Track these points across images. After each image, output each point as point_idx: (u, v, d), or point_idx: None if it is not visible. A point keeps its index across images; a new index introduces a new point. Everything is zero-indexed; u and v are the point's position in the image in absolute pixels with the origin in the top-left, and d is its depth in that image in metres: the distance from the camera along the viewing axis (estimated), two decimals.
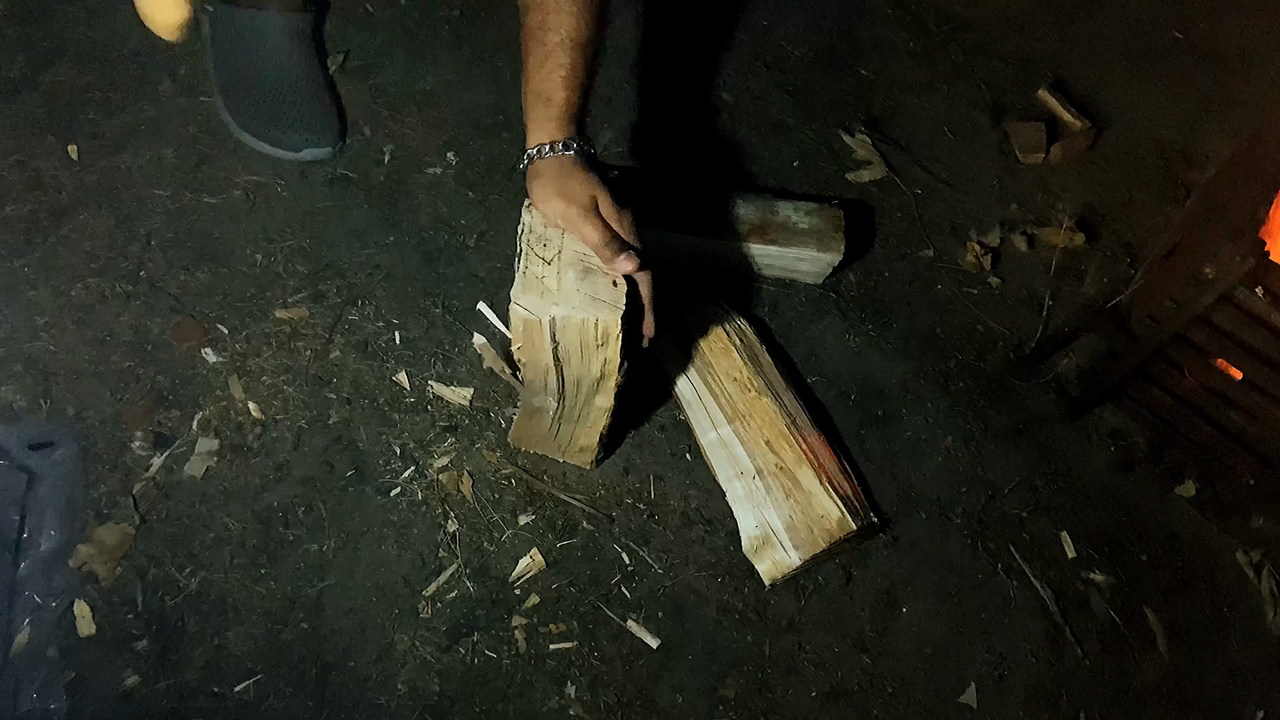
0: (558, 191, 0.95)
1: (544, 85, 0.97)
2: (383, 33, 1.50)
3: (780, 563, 1.16)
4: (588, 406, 1.06)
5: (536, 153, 0.97)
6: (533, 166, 0.97)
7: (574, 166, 0.96)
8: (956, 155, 1.58)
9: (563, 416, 1.09)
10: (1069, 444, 1.36)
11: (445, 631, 1.11)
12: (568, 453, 1.19)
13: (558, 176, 0.96)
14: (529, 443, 1.20)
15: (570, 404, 1.06)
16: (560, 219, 0.96)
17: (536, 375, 1.00)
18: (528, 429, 1.16)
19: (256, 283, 1.27)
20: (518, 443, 1.21)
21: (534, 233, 0.96)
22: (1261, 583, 1.32)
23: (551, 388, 1.02)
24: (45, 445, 1.12)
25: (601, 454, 1.20)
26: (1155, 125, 1.67)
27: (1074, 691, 1.21)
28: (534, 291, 0.92)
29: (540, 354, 0.96)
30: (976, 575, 1.25)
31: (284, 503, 1.15)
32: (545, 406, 1.07)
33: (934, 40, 1.70)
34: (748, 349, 1.26)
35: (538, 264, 0.94)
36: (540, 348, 0.95)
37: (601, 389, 1.02)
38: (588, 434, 1.13)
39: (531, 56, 0.98)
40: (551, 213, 0.96)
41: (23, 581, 1.06)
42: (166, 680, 1.05)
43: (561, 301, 0.92)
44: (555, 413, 1.08)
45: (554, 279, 0.93)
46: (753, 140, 1.52)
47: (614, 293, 0.93)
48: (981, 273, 1.47)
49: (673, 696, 1.12)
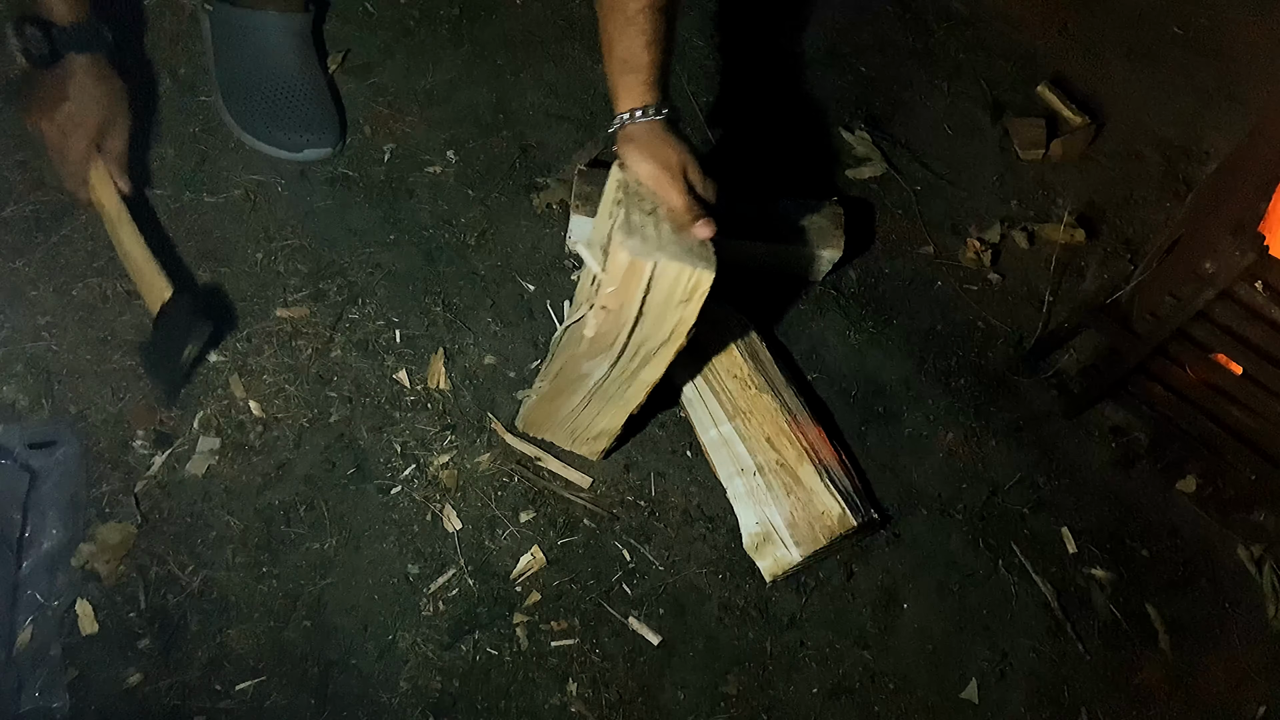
0: (650, 155, 0.98)
1: (629, 52, 1.00)
2: (383, 31, 1.50)
3: (781, 559, 1.17)
4: (632, 379, 1.06)
5: (629, 117, 1.01)
6: (624, 130, 1.01)
7: (665, 131, 1.00)
8: (957, 152, 1.58)
9: (601, 390, 1.09)
10: (1070, 440, 1.36)
11: (447, 629, 1.12)
12: (579, 440, 1.19)
13: (650, 140, 0.99)
14: (541, 425, 1.19)
15: (619, 372, 1.05)
16: (651, 181, 0.98)
17: (612, 328, 0.99)
18: (548, 409, 1.15)
19: (257, 282, 1.27)
20: (528, 425, 1.21)
21: (631, 187, 0.98)
22: (1263, 578, 1.32)
23: (616, 345, 1.01)
24: (47, 444, 1.12)
25: (613, 445, 1.19)
26: (1155, 121, 1.67)
27: (1075, 687, 1.21)
28: (638, 236, 0.93)
29: (630, 301, 0.96)
30: (978, 572, 1.25)
31: (285, 501, 1.15)
32: (591, 374, 1.06)
33: (934, 38, 1.70)
34: (748, 346, 1.26)
35: (639, 214, 0.96)
36: (633, 293, 0.95)
37: (657, 356, 1.02)
38: (615, 415, 1.12)
39: (612, 24, 1.01)
40: (643, 175, 0.99)
41: (25, 580, 1.06)
42: (169, 678, 1.05)
43: (664, 248, 0.93)
44: (596, 384, 1.07)
45: (653, 229, 0.95)
46: (753, 137, 1.52)
47: (706, 251, 0.95)
48: (982, 269, 1.47)
49: (674, 693, 1.13)
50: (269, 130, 1.34)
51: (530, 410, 1.18)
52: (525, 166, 1.43)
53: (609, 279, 0.95)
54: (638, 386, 1.07)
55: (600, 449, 1.20)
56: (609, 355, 1.03)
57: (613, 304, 0.96)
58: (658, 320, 0.98)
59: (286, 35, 1.35)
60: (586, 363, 1.05)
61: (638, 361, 1.04)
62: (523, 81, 1.50)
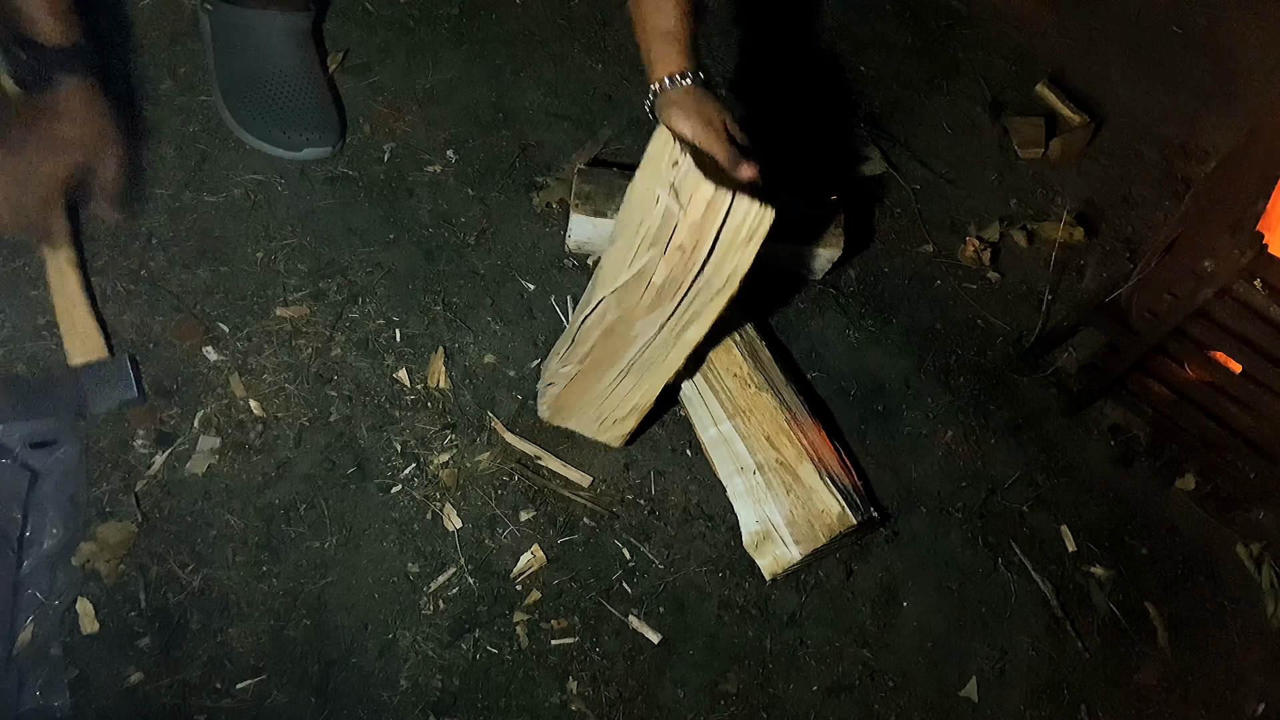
0: (694, 114, 1.05)
1: (662, 21, 1.08)
2: (382, 31, 1.50)
3: (781, 558, 1.17)
4: (678, 338, 1.09)
5: (669, 83, 1.08)
6: (664, 96, 1.08)
7: (703, 93, 1.08)
8: (956, 151, 1.58)
9: (644, 356, 1.11)
10: (1069, 438, 1.36)
11: (447, 627, 1.12)
12: (605, 424, 1.20)
13: (691, 102, 1.06)
14: (570, 412, 1.20)
15: (668, 331, 1.08)
16: (697, 138, 1.05)
17: (682, 271, 1.03)
18: (578, 392, 1.16)
19: (257, 281, 1.27)
20: (555, 413, 1.21)
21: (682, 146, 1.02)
22: (1262, 576, 1.32)
23: (680, 291, 1.04)
24: (48, 443, 1.12)
25: (638, 428, 1.20)
26: (1154, 120, 1.68)
27: (1075, 685, 1.21)
28: (712, 180, 0.98)
29: (705, 239, 1.00)
30: (977, 570, 1.25)
31: (286, 500, 1.15)
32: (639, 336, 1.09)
33: (933, 36, 1.70)
34: (747, 345, 1.27)
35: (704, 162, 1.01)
36: (709, 228, 0.99)
37: (709, 309, 1.06)
38: (651, 386, 1.14)
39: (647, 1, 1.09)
40: (689, 134, 1.04)
41: (26, 579, 1.06)
42: (169, 677, 1.05)
43: (734, 188, 0.98)
44: (643, 347, 1.10)
45: (718, 175, 1.00)
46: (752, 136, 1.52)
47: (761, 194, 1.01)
48: (981, 268, 1.47)
49: (674, 691, 1.13)
50: (269, 129, 1.34)
51: (558, 396, 1.18)
52: (525, 165, 1.43)
53: (691, 212, 0.99)
54: (680, 347, 1.10)
55: (626, 432, 1.20)
56: (667, 308, 1.06)
57: (689, 241, 1.00)
58: (720, 262, 1.02)
59: (286, 34, 1.35)
60: (641, 321, 1.08)
61: (689, 315, 1.07)
62: (522, 81, 1.50)
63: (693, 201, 0.98)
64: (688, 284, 1.03)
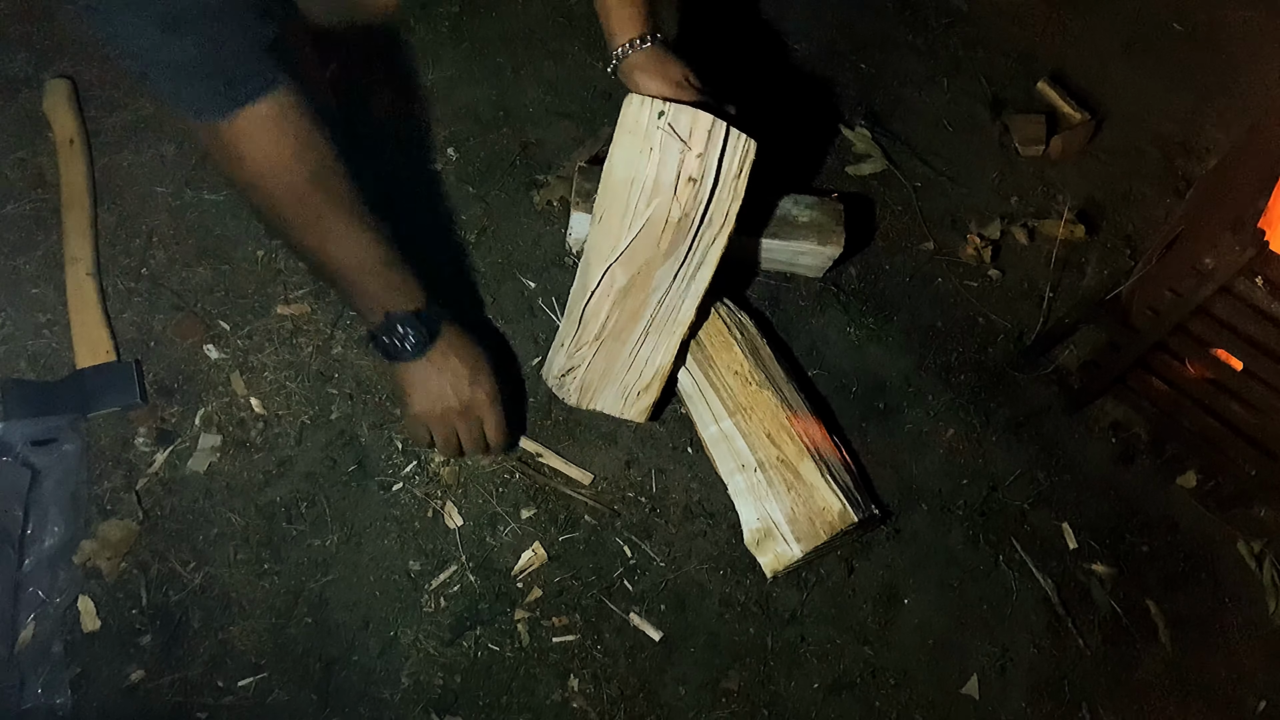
0: (657, 74, 1.12)
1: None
2: (382, 29, 1.50)
3: (782, 555, 1.17)
4: (689, 287, 1.16)
5: (630, 47, 1.13)
6: (627, 61, 1.13)
7: (663, 53, 1.14)
8: (956, 149, 1.58)
9: (660, 312, 1.17)
10: (1070, 436, 1.36)
11: (448, 625, 1.12)
12: (630, 398, 1.22)
13: (653, 62, 1.13)
14: (598, 390, 1.22)
15: (682, 276, 1.15)
16: (667, 95, 1.11)
17: (693, 205, 1.10)
18: (603, 367, 1.20)
19: (258, 279, 1.27)
20: (583, 396, 1.23)
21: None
22: (1263, 573, 1.32)
23: (691, 230, 1.12)
24: (49, 441, 1.13)
25: (661, 398, 1.22)
26: (1155, 117, 1.67)
27: (1076, 682, 1.21)
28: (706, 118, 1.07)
29: (710, 166, 1.09)
30: (978, 567, 1.25)
31: (287, 498, 1.15)
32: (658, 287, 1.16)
33: (934, 34, 1.70)
34: (748, 343, 1.27)
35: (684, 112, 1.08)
36: (713, 157, 1.09)
37: (713, 249, 1.14)
38: (669, 346, 1.19)
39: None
40: (657, 92, 1.11)
41: (27, 578, 1.06)
42: (171, 675, 1.05)
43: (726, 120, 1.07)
44: (660, 299, 1.16)
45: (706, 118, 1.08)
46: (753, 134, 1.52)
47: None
48: (982, 266, 1.47)
49: (675, 689, 1.13)
50: None
51: (583, 377, 1.21)
52: (525, 163, 1.43)
53: (695, 141, 1.07)
54: (692, 297, 1.16)
55: (650, 403, 1.22)
56: (682, 250, 1.13)
57: (697, 171, 1.08)
58: (721, 196, 1.11)
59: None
60: (660, 269, 1.14)
61: (699, 257, 1.14)
62: (523, 79, 1.50)
63: (693, 135, 1.08)
64: (698, 218, 1.11)
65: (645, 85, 1.12)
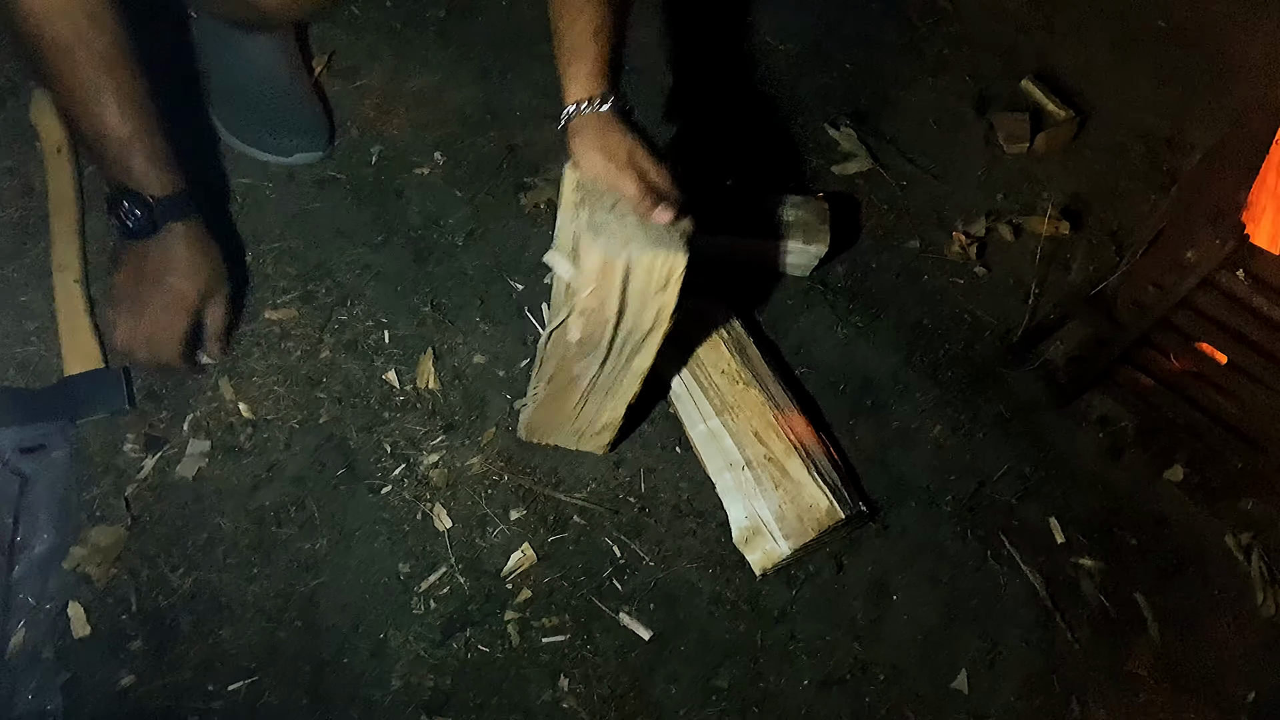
0: (597, 147, 0.97)
1: (576, 40, 0.99)
2: (369, 33, 1.50)
3: (771, 553, 1.17)
4: (624, 371, 1.07)
5: (575, 109, 0.99)
6: (572, 124, 0.99)
7: (611, 120, 0.98)
8: (942, 147, 1.59)
9: (597, 386, 1.09)
10: (1058, 431, 1.37)
11: (438, 627, 1.12)
12: (584, 437, 1.20)
13: (596, 132, 0.97)
14: (545, 430, 1.20)
15: (611, 366, 1.06)
16: (601, 173, 0.97)
17: (596, 327, 0.99)
18: (548, 413, 1.15)
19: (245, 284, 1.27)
20: (531, 434, 1.21)
21: (587, 186, 0.97)
22: (1251, 565, 1.32)
23: (603, 343, 1.02)
24: (38, 448, 1.13)
25: (618, 435, 1.20)
26: (1139, 113, 1.68)
27: (1065, 676, 1.21)
28: (605, 234, 0.93)
29: (609, 299, 0.96)
30: (967, 562, 1.26)
31: (276, 502, 1.15)
32: (583, 374, 1.07)
33: (919, 33, 1.71)
34: (735, 342, 1.27)
35: (602, 212, 0.95)
36: (610, 291, 0.95)
37: (645, 344, 1.03)
38: (615, 406, 1.13)
39: (562, 15, 0.99)
40: (591, 167, 0.97)
41: (17, 584, 1.07)
42: (162, 680, 1.05)
43: (632, 241, 0.93)
44: (591, 381, 1.08)
45: (618, 224, 0.94)
46: (739, 134, 1.53)
47: (675, 236, 0.95)
48: (968, 263, 1.48)
49: (666, 687, 1.13)
50: (257, 134, 1.34)
51: (531, 418, 1.18)
52: (513, 166, 1.43)
53: (585, 281, 0.95)
54: (631, 376, 1.08)
55: (606, 442, 1.20)
56: (598, 354, 1.04)
57: (593, 304, 0.97)
58: (639, 312, 0.98)
59: (271, 40, 1.35)
60: (578, 364, 1.06)
61: (627, 353, 1.04)
62: (510, 81, 1.51)
63: (586, 266, 0.93)
64: (608, 336, 1.00)
65: (583, 158, 0.97)
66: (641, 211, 0.95)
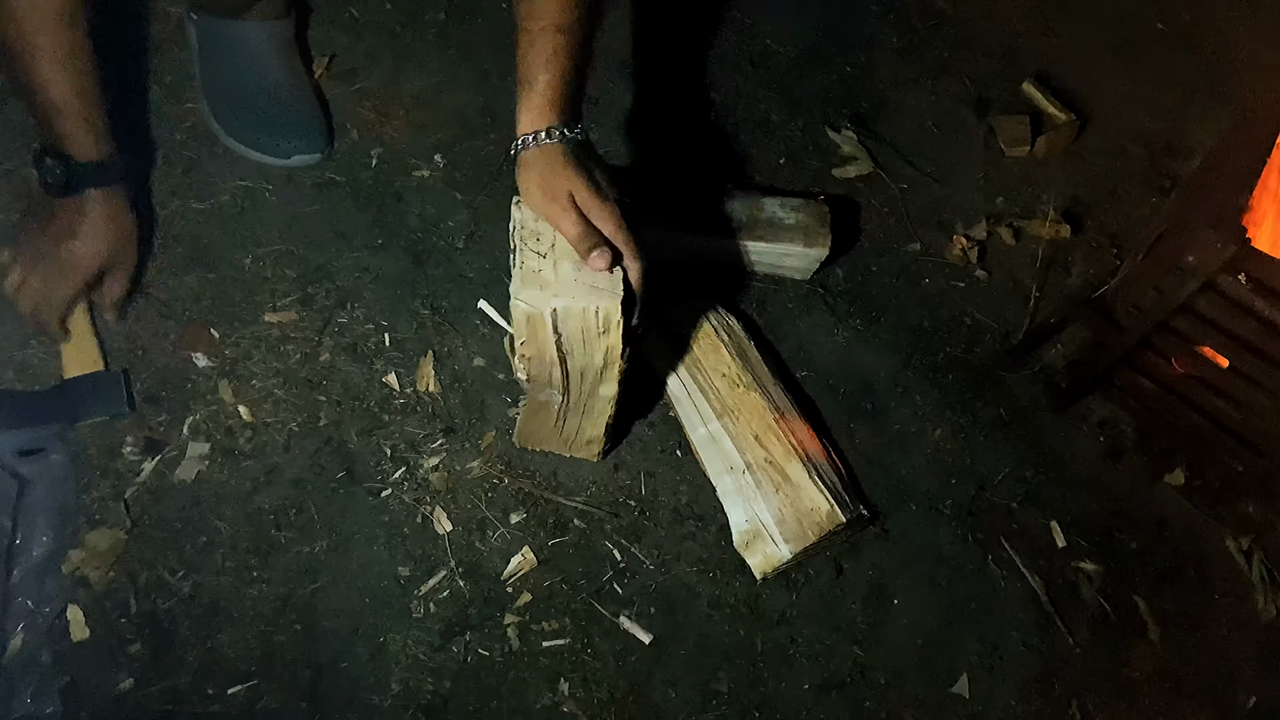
0: (539, 184, 0.95)
1: (528, 71, 0.96)
2: (368, 36, 1.50)
3: (771, 556, 1.17)
4: (593, 398, 1.06)
5: (522, 144, 0.96)
6: (519, 158, 0.97)
7: (556, 156, 0.95)
8: (942, 150, 1.58)
9: (569, 409, 1.09)
10: (1058, 434, 1.37)
11: (438, 631, 1.12)
12: (574, 446, 1.19)
13: (540, 168, 0.95)
14: (535, 440, 1.20)
15: (576, 396, 1.06)
16: (542, 213, 0.96)
17: (541, 370, 0.99)
18: (533, 426, 1.16)
19: (245, 287, 1.27)
20: (523, 442, 1.21)
21: (526, 227, 0.97)
22: (1251, 569, 1.32)
23: (557, 381, 1.01)
24: (36, 451, 1.13)
25: (608, 445, 1.20)
26: (1140, 117, 1.68)
27: (1065, 680, 1.21)
28: (533, 285, 0.92)
29: (545, 347, 0.96)
30: (967, 566, 1.26)
31: (275, 505, 1.15)
32: (551, 401, 1.07)
33: (918, 36, 1.71)
34: (735, 345, 1.27)
35: (533, 258, 0.94)
36: (544, 341, 0.95)
37: (605, 378, 1.02)
38: (594, 425, 1.13)
39: (519, 46, 0.97)
40: (534, 206, 0.96)
41: (15, 588, 1.06)
42: (160, 683, 1.05)
43: (561, 292, 0.92)
44: (561, 406, 1.08)
45: (551, 271, 0.93)
46: (739, 137, 1.53)
47: (611, 280, 0.93)
48: (968, 266, 1.48)
49: (665, 691, 1.13)
50: (256, 137, 1.34)
51: (521, 428, 1.18)
52: (512, 169, 1.42)
53: (517, 332, 0.94)
54: (602, 402, 1.07)
55: (596, 452, 1.20)
56: (554, 389, 1.04)
57: (530, 352, 0.96)
58: (586, 353, 0.97)
59: (270, 42, 1.36)
60: (539, 395, 1.06)
61: (589, 384, 1.04)
62: (509, 84, 1.46)
63: (515, 317, 0.93)
64: (558, 376, 0.99)
65: (526, 194, 0.96)
66: (580, 254, 0.93)
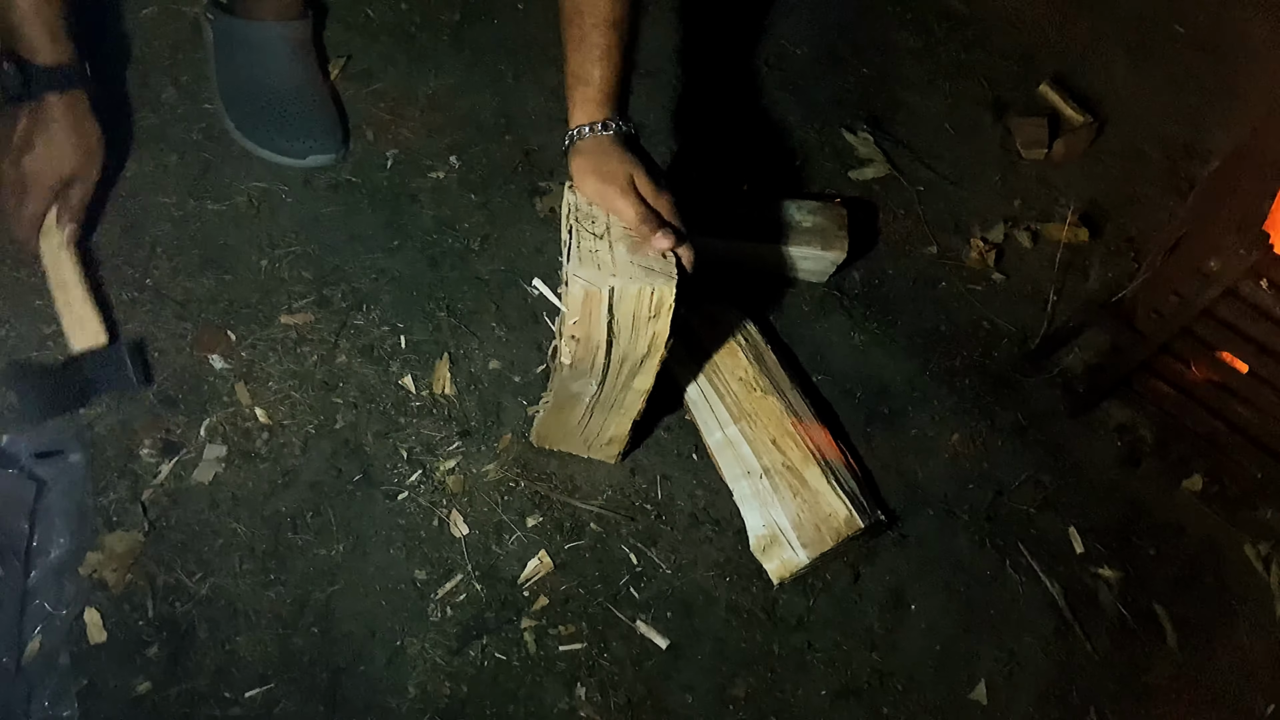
0: (595, 170, 0.98)
1: (582, 67, 1.00)
2: (384, 37, 1.50)
3: (788, 561, 1.16)
4: (625, 390, 1.06)
5: (577, 134, 1.00)
6: (574, 147, 1.00)
7: (612, 145, 0.99)
8: (959, 152, 1.58)
9: (599, 402, 1.09)
10: (1076, 439, 1.36)
11: (455, 634, 1.12)
12: (594, 447, 1.19)
13: (596, 156, 0.98)
14: (554, 439, 1.20)
15: (610, 387, 1.05)
16: (597, 198, 0.98)
17: (586, 354, 0.99)
18: (555, 423, 1.15)
19: (262, 289, 1.27)
20: (542, 440, 1.21)
21: (581, 210, 0.98)
22: (1270, 575, 1.32)
23: (597, 367, 1.01)
24: (54, 453, 1.12)
25: (628, 447, 1.19)
26: (1158, 119, 1.67)
27: (1084, 687, 1.21)
28: (590, 265, 0.93)
29: (595, 329, 0.95)
30: (985, 572, 1.25)
31: (292, 508, 1.15)
32: (583, 392, 1.07)
33: (935, 37, 1.70)
34: (753, 348, 1.27)
35: (590, 239, 0.95)
36: (597, 321, 0.95)
37: (644, 368, 1.02)
38: (620, 422, 1.12)
39: (569, 40, 1.01)
40: (589, 191, 0.98)
41: (33, 590, 1.06)
42: (178, 686, 1.05)
43: (618, 273, 0.92)
44: (592, 399, 1.08)
45: (607, 253, 0.94)
46: (755, 139, 1.52)
47: (665, 264, 0.95)
48: (985, 269, 1.47)
49: (682, 696, 1.13)
50: (272, 138, 1.34)
51: (540, 426, 1.18)
52: (528, 170, 1.43)
53: (570, 311, 0.95)
54: (634, 395, 1.07)
55: (615, 453, 1.20)
56: (593, 376, 1.03)
57: (579, 332, 0.96)
58: (631, 339, 0.97)
59: (286, 43, 1.35)
60: (575, 384, 1.05)
61: (625, 375, 1.04)
62: (524, 85, 1.50)
63: (569, 296, 0.93)
64: (601, 361, 0.99)
65: (581, 180, 0.99)
66: (641, 235, 0.95)
